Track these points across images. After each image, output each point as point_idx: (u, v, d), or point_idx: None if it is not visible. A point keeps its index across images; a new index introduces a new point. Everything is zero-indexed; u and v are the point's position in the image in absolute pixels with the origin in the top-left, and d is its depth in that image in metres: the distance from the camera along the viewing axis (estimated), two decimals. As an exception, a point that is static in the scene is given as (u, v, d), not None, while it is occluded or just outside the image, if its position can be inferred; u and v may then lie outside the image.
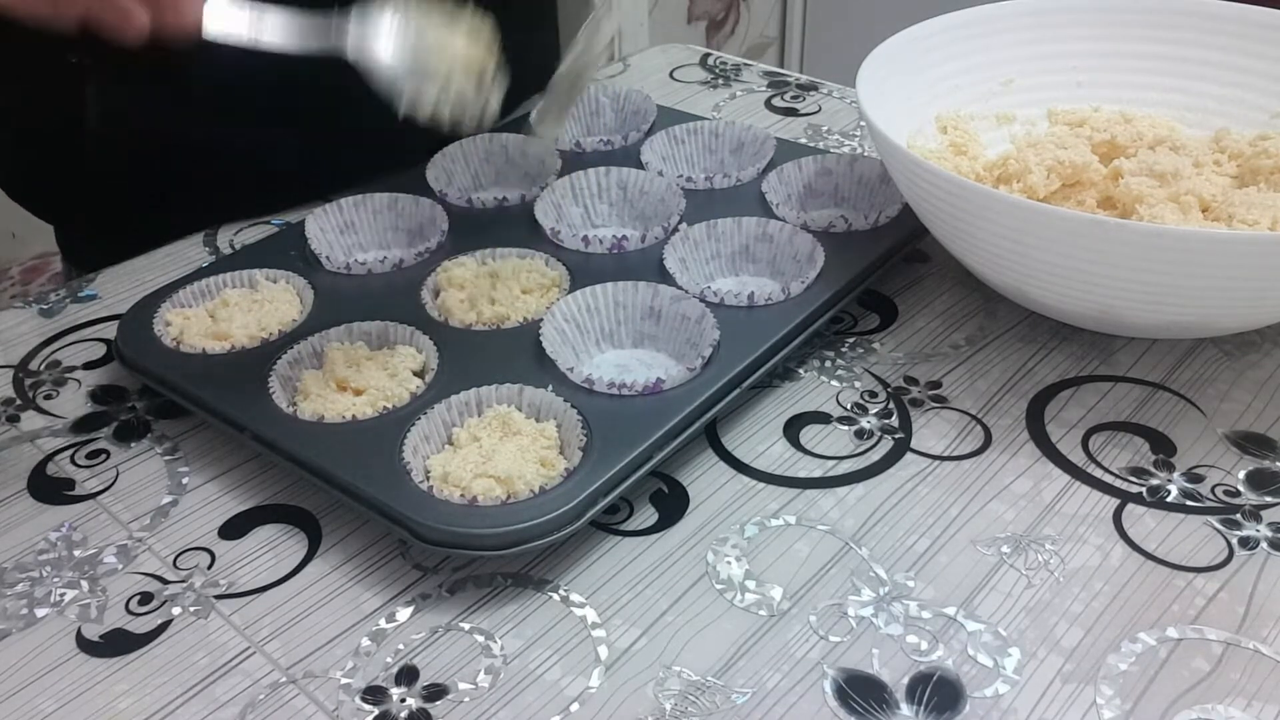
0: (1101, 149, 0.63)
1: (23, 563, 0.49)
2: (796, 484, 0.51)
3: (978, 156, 0.65)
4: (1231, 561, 0.47)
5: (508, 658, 0.44)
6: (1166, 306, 0.52)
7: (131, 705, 0.42)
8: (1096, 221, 0.49)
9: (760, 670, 0.43)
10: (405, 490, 0.47)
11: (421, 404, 0.52)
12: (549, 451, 0.49)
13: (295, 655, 0.44)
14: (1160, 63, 0.68)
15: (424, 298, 0.60)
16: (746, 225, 0.63)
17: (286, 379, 0.54)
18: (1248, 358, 0.58)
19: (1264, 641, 0.43)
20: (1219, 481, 0.51)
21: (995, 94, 0.69)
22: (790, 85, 0.90)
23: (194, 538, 0.50)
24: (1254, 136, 0.62)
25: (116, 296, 0.67)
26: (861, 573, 0.47)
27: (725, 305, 0.57)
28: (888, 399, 0.56)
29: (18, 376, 0.60)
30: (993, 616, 0.44)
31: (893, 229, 0.63)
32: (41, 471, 0.54)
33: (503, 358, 0.55)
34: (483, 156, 0.73)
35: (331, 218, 0.66)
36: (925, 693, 0.42)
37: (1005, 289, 0.59)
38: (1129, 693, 0.41)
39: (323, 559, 0.48)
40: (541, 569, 0.48)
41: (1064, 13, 0.69)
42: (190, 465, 0.54)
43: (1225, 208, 0.55)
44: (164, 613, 0.46)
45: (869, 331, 0.61)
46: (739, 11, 2.19)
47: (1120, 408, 0.55)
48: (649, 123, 0.76)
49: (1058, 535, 0.48)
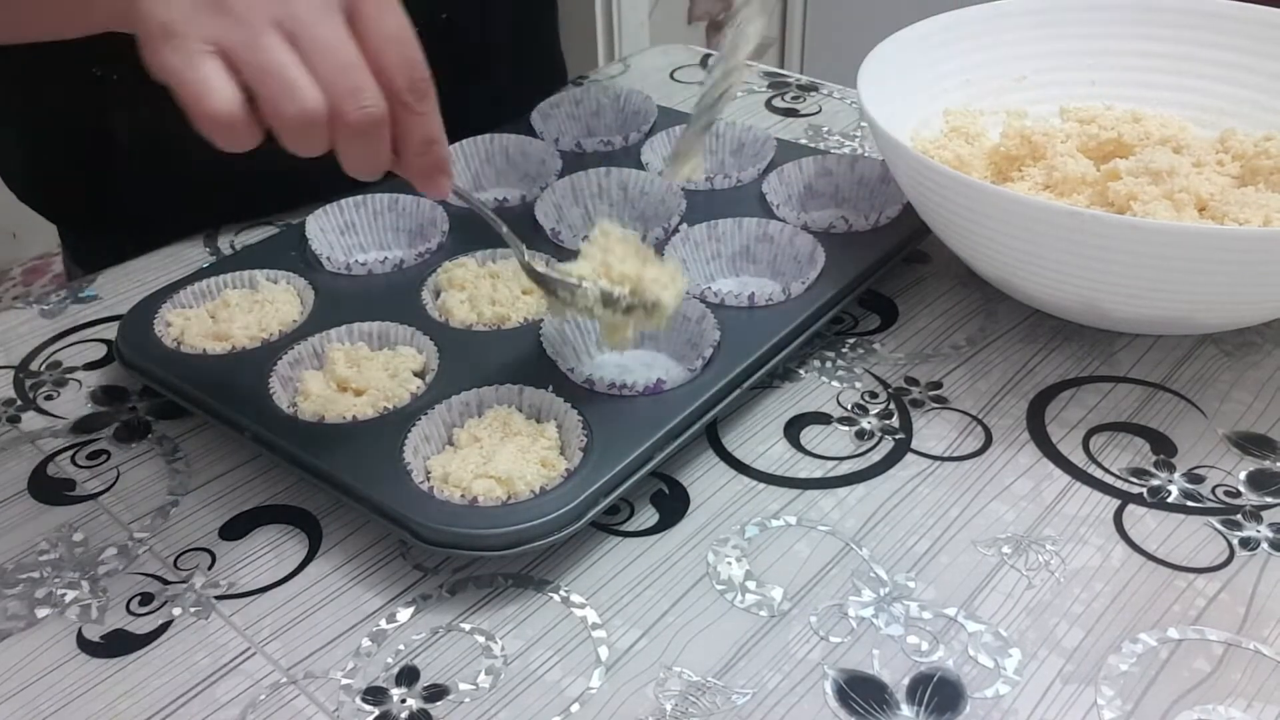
0: (1108, 146, 0.63)
1: (23, 563, 0.49)
2: (797, 484, 0.51)
3: (979, 136, 0.66)
4: (1232, 562, 0.47)
5: (508, 658, 0.44)
6: (1148, 301, 0.52)
7: (132, 706, 0.42)
8: (1073, 213, 0.49)
9: (761, 671, 0.43)
10: (406, 491, 0.47)
11: (422, 404, 0.52)
12: (549, 452, 0.49)
13: (296, 656, 0.44)
14: (1175, 62, 0.68)
15: (424, 298, 0.60)
16: (747, 226, 0.63)
17: (287, 379, 0.54)
18: (1248, 358, 0.58)
19: (1264, 642, 0.43)
20: (1220, 482, 0.51)
21: (1007, 90, 0.69)
22: (790, 86, 0.90)
23: (194, 538, 0.50)
24: (1259, 137, 0.62)
25: (117, 297, 0.67)
26: (862, 573, 0.47)
27: (726, 306, 0.57)
28: (888, 399, 0.56)
29: (18, 377, 0.60)
30: (993, 617, 0.44)
31: (893, 229, 0.63)
32: (42, 472, 0.54)
33: (503, 358, 0.55)
34: (483, 157, 0.73)
35: (332, 218, 0.66)
36: (926, 693, 0.42)
37: (997, 281, 0.59)
38: (1130, 693, 0.41)
39: (323, 559, 0.48)
40: (542, 569, 0.48)
41: (1080, 10, 0.69)
42: (190, 466, 0.54)
43: (1221, 206, 0.56)
44: (164, 613, 0.46)
45: (869, 332, 0.61)
46: (739, 12, 2.19)
47: (1121, 408, 0.55)
48: (649, 123, 0.76)
49: (1058, 536, 0.48)
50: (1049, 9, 0.69)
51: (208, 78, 0.39)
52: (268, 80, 0.39)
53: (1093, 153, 0.63)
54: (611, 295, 0.49)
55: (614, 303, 0.49)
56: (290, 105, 0.39)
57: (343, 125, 0.40)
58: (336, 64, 0.40)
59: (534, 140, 0.73)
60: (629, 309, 0.50)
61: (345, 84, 0.40)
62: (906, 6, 0.87)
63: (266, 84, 0.39)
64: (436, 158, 0.44)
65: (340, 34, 0.40)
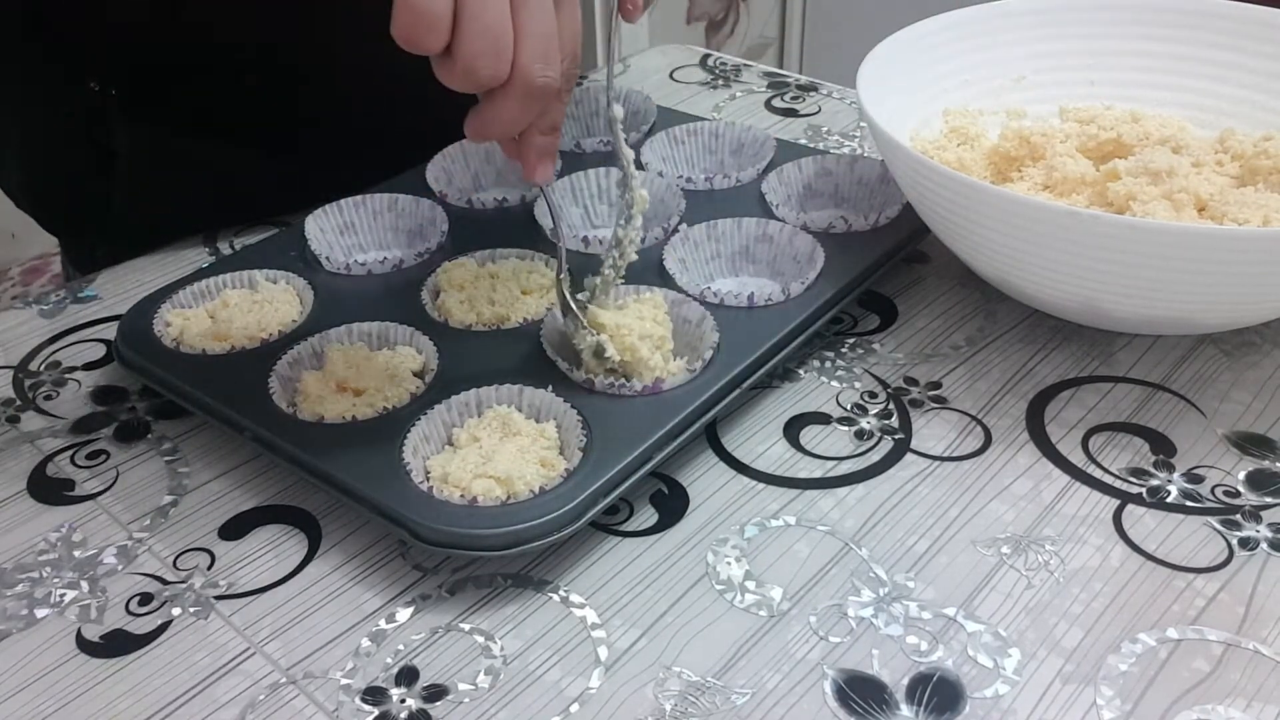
0: (1107, 147, 0.63)
1: (23, 563, 0.49)
2: (796, 484, 0.51)
3: (978, 137, 0.66)
4: (1231, 562, 0.47)
5: (508, 658, 0.44)
6: (1147, 301, 0.52)
7: (131, 706, 0.42)
8: (1072, 213, 0.49)
9: (760, 671, 0.43)
10: (405, 491, 0.47)
11: (421, 404, 0.52)
12: (549, 452, 0.49)
13: (295, 656, 0.44)
14: (1175, 62, 0.68)
15: (424, 298, 0.60)
16: (746, 226, 0.63)
17: (286, 379, 0.54)
18: (1248, 358, 0.58)
19: (1264, 642, 0.43)
20: (1219, 482, 0.51)
21: (1006, 90, 0.69)
22: (790, 86, 0.90)
23: (194, 538, 0.50)
24: (1258, 138, 0.62)
25: (116, 297, 0.67)
26: (861, 573, 0.47)
27: (725, 306, 0.57)
28: (888, 399, 0.56)
29: (18, 377, 0.60)
30: (993, 617, 0.44)
31: (893, 229, 0.63)
32: (41, 472, 0.54)
33: (503, 358, 0.55)
34: (483, 157, 0.73)
35: (331, 218, 0.66)
36: (925, 693, 0.42)
37: (996, 281, 0.59)
38: (1129, 693, 0.41)
39: (323, 559, 0.48)
40: (541, 569, 0.48)
41: (1079, 10, 0.69)
42: (190, 466, 0.54)
43: (1221, 206, 0.56)
44: (164, 613, 0.46)
45: (869, 332, 0.61)
46: (738, 12, 2.19)
47: (1120, 408, 0.55)
48: (649, 123, 0.76)
49: (1058, 536, 0.48)
50: (1048, 9, 0.69)
51: None
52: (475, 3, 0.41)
53: (1092, 153, 0.63)
54: (604, 352, 0.52)
55: (602, 360, 0.52)
56: (483, 35, 0.42)
57: (522, 82, 0.43)
58: (541, 29, 0.43)
59: None
60: (610, 370, 0.53)
61: (541, 48, 0.43)
62: (906, 6, 0.87)
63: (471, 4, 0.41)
64: (553, 144, 0.49)
65: (548, 6, 0.44)
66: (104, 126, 0.69)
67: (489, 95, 0.44)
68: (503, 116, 0.45)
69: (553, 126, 0.48)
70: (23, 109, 0.72)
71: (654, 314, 0.54)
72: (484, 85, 0.43)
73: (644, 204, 0.54)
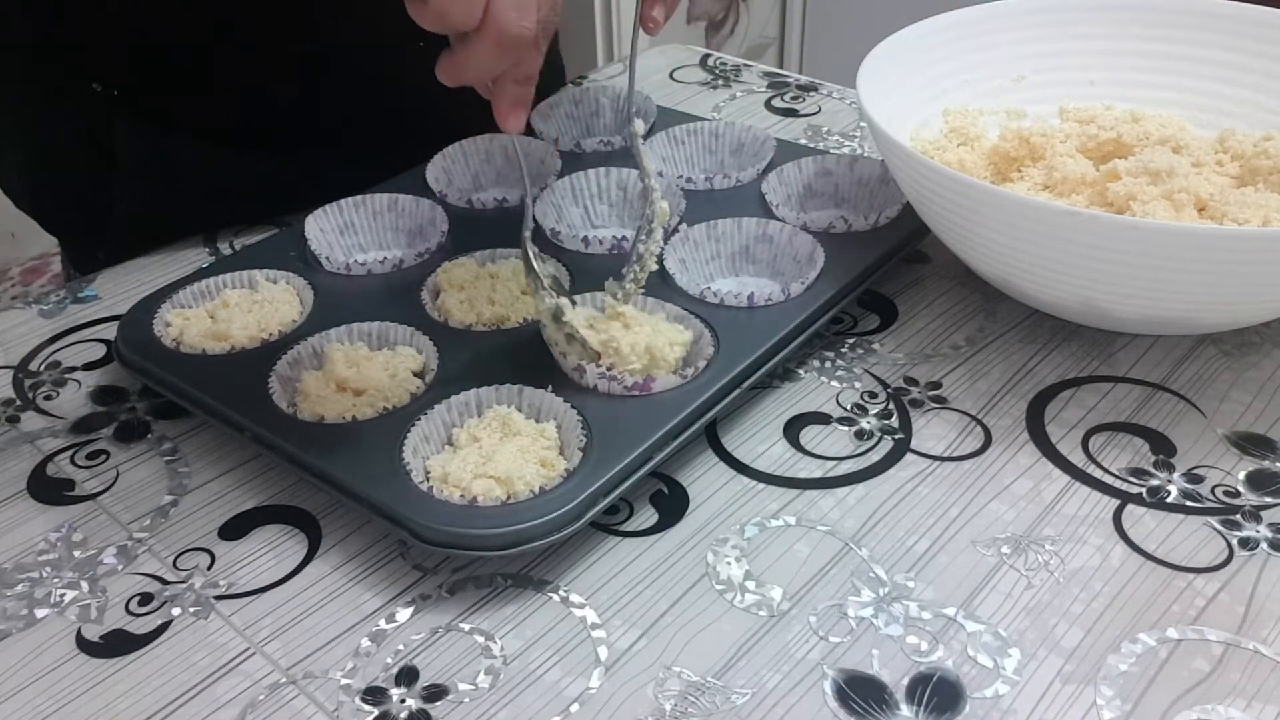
0: (1107, 147, 0.63)
1: (23, 563, 0.49)
2: (796, 484, 0.51)
3: (979, 138, 0.66)
4: (1231, 562, 0.47)
5: (508, 658, 0.44)
6: (1147, 301, 0.52)
7: (131, 706, 0.42)
8: (1072, 213, 0.49)
9: (760, 671, 0.43)
10: (405, 491, 0.47)
11: (421, 404, 0.52)
12: (549, 452, 0.49)
13: (295, 656, 0.44)
14: (1174, 62, 0.68)
15: (424, 298, 0.60)
16: (746, 226, 0.63)
17: (287, 379, 0.54)
18: (1248, 358, 0.58)
19: (1264, 642, 0.43)
20: (1219, 482, 0.51)
21: (1006, 90, 0.69)
22: (790, 86, 0.90)
23: (194, 538, 0.50)
24: (1258, 138, 0.62)
25: (116, 297, 0.67)
26: (861, 573, 0.47)
27: (725, 306, 0.57)
28: (888, 399, 0.56)
29: (18, 377, 0.60)
30: (993, 617, 0.44)
31: (893, 229, 0.63)
32: (41, 472, 0.54)
33: (502, 358, 0.55)
34: (483, 157, 0.73)
35: (331, 218, 0.66)
36: (925, 693, 0.42)
37: (996, 281, 0.59)
38: (1129, 693, 0.41)
39: (323, 559, 0.48)
40: (541, 569, 0.48)
41: (1079, 10, 0.69)
42: (190, 466, 0.54)
43: (1221, 206, 0.56)
44: (164, 613, 0.46)
45: (869, 332, 0.61)
46: (738, 12, 2.19)
47: (1120, 408, 0.55)
48: (649, 124, 0.76)
49: (1058, 536, 0.48)
50: (1048, 9, 0.69)
51: None
52: None
53: (1092, 153, 0.63)
54: (561, 315, 0.51)
55: (561, 324, 0.52)
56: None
57: (495, 29, 0.43)
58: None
59: (534, 140, 0.73)
60: (570, 337, 0.52)
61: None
62: (906, 6, 0.88)
63: None
64: (527, 93, 0.49)
65: None
66: (105, 127, 0.69)
67: (462, 39, 0.44)
68: (475, 62, 0.44)
69: (528, 76, 0.48)
70: (24, 110, 0.72)
71: (673, 336, 0.54)
72: (456, 29, 0.43)
73: (664, 216, 0.54)
